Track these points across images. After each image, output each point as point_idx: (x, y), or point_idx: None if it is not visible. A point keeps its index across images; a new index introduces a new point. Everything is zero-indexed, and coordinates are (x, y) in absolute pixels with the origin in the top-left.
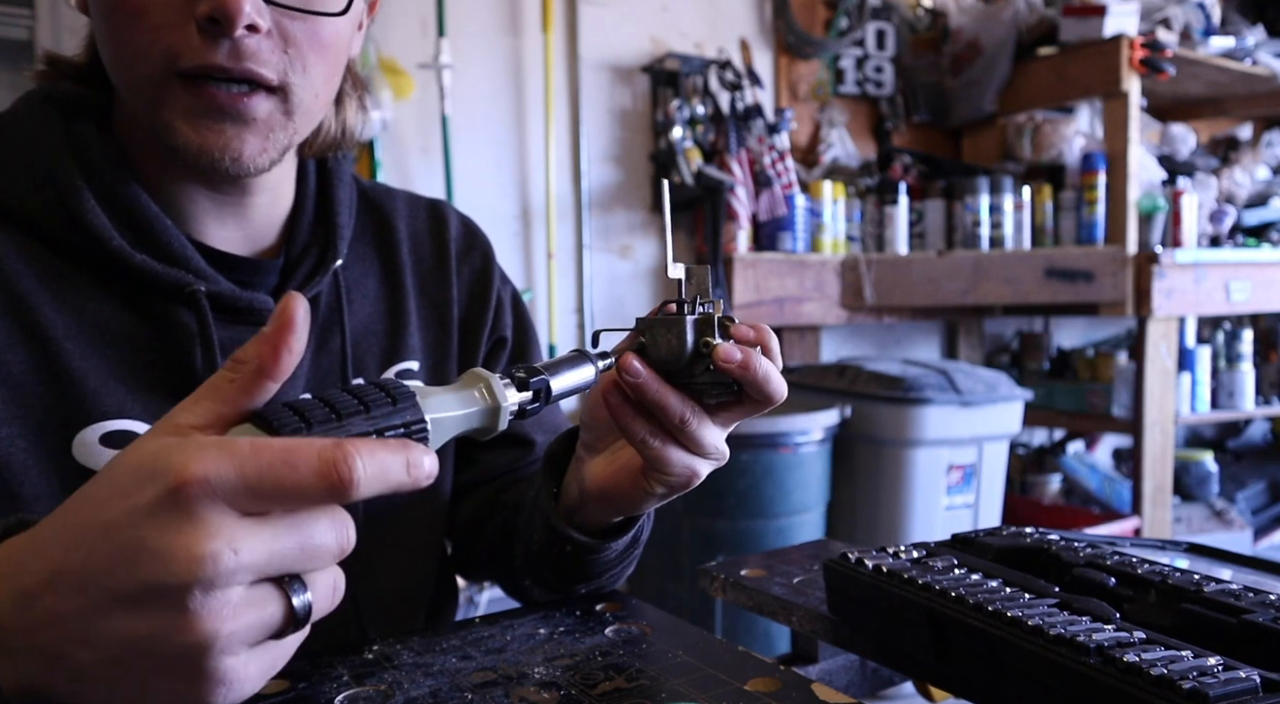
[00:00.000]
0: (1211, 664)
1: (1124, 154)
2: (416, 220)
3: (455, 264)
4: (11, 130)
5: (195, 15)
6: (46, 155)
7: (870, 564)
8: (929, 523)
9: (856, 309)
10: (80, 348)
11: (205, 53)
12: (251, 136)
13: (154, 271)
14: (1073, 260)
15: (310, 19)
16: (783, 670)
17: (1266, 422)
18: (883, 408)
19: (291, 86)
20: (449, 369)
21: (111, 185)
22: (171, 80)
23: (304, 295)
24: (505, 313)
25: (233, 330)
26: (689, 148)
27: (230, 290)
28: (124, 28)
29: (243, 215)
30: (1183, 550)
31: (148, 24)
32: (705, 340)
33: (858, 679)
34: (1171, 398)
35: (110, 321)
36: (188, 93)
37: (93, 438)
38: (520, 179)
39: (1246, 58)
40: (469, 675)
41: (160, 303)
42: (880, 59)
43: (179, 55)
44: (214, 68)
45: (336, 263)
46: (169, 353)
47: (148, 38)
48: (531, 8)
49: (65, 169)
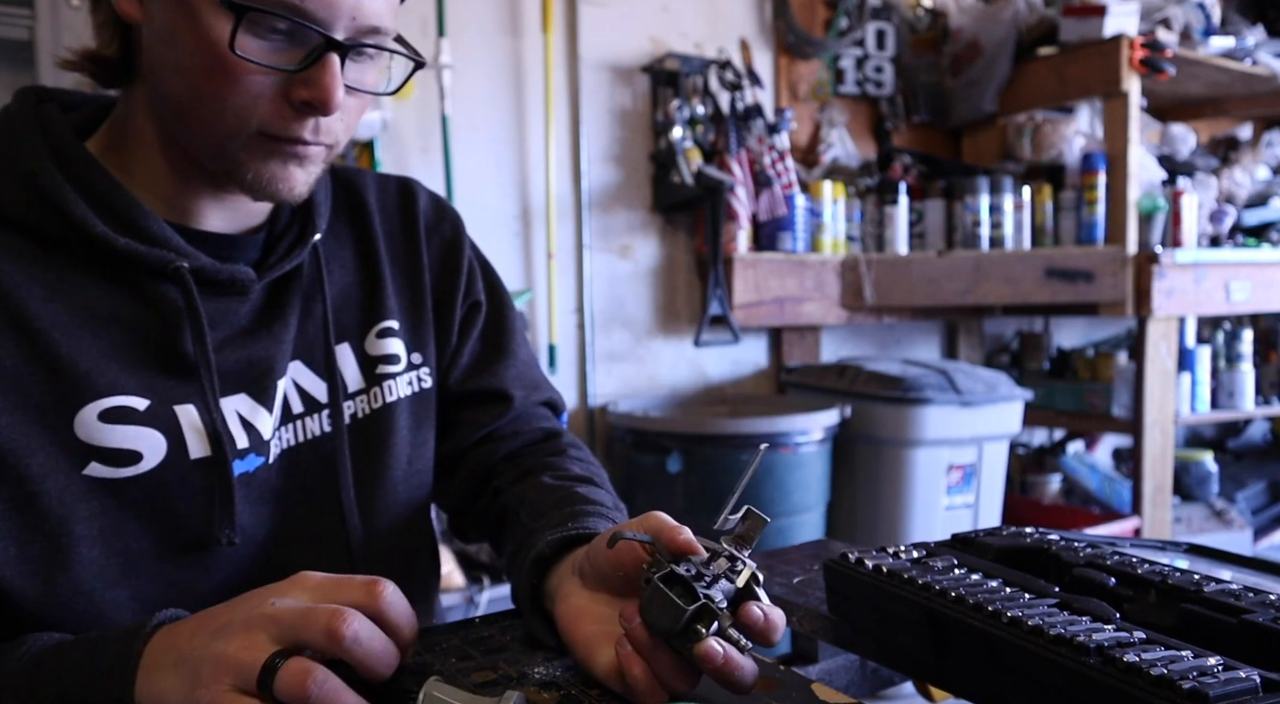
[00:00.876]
0: (1211, 664)
1: (1124, 154)
2: (386, 195)
3: (425, 235)
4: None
5: (291, 96)
6: (26, 156)
7: (870, 564)
8: (929, 523)
9: (856, 309)
10: (70, 334)
11: (294, 127)
12: (304, 173)
13: (138, 253)
14: (1073, 260)
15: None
16: (783, 670)
17: (1266, 422)
18: (883, 408)
19: (339, 143)
20: (425, 334)
21: (90, 180)
22: (253, 136)
23: (286, 266)
24: (478, 279)
25: (217, 302)
26: (689, 148)
27: (211, 265)
28: (219, 87)
29: (238, 207)
30: (1182, 551)
31: (245, 93)
32: (695, 627)
33: (858, 679)
34: (1171, 398)
35: (99, 305)
36: (267, 143)
37: (92, 415)
38: (520, 179)
39: (1246, 58)
40: (469, 675)
41: (146, 282)
42: (880, 59)
43: (269, 125)
44: (301, 141)
45: (315, 236)
46: (158, 329)
47: (242, 103)
48: (531, 8)
49: (45, 167)
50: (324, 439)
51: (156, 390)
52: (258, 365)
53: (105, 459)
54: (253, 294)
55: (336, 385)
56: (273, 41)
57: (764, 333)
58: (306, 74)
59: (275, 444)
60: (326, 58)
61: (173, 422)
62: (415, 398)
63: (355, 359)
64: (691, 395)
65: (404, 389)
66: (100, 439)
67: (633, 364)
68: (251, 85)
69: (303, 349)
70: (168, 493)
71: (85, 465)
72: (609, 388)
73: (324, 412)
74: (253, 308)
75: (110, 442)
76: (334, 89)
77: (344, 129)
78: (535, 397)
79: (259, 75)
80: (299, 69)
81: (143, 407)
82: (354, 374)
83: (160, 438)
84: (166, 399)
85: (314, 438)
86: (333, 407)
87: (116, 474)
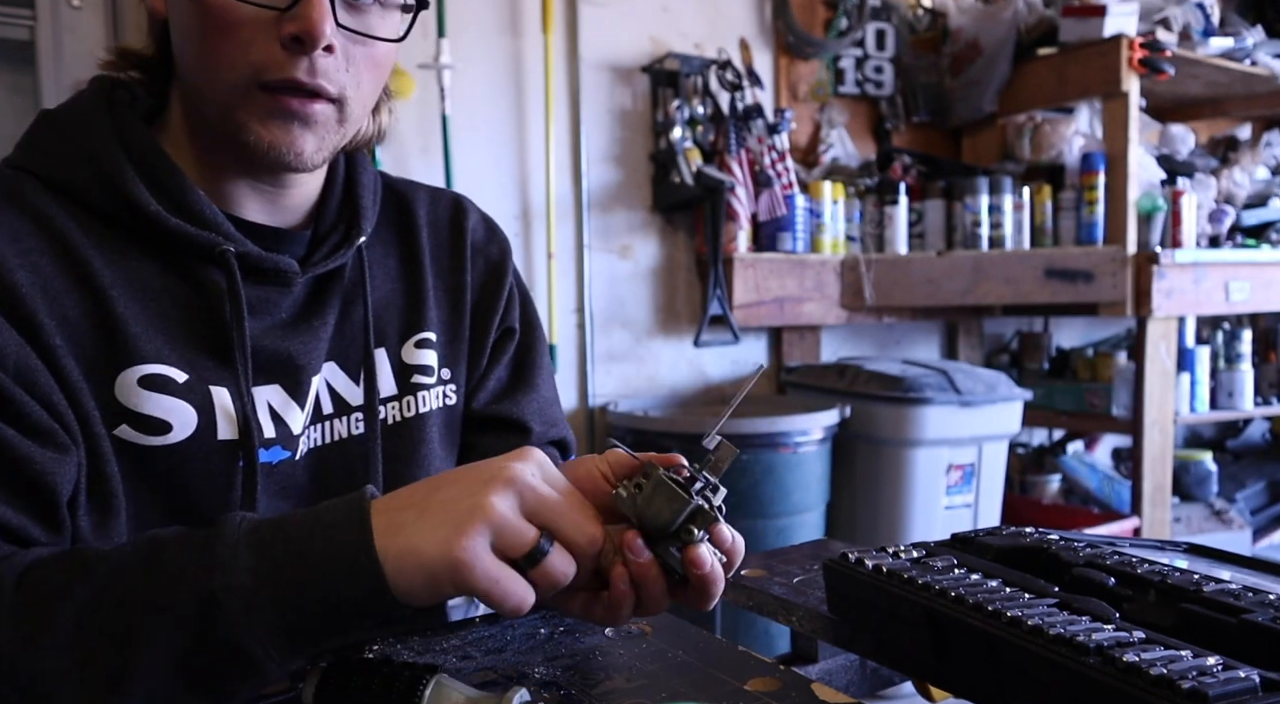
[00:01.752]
0: (1211, 664)
1: (1123, 154)
2: (437, 209)
3: (471, 253)
4: (68, 119)
5: (281, 34)
6: (95, 139)
7: (870, 564)
8: (929, 523)
9: (856, 309)
10: (125, 298)
11: (288, 68)
12: (311, 136)
13: (187, 234)
14: (1072, 260)
15: (369, 42)
16: (783, 670)
17: (1266, 421)
18: (882, 408)
19: (347, 99)
20: (458, 351)
21: (150, 163)
22: (253, 89)
23: (330, 264)
24: (515, 306)
25: (259, 289)
26: (689, 148)
27: (256, 252)
28: (214, 41)
29: (278, 199)
30: (1182, 551)
31: (238, 39)
32: (689, 527)
33: (858, 679)
34: (1171, 398)
35: (151, 279)
36: (267, 99)
37: (132, 379)
38: (520, 179)
39: (1246, 58)
40: (469, 675)
41: (194, 263)
42: (880, 59)
43: (264, 69)
44: (293, 81)
45: (360, 239)
46: (202, 308)
47: (236, 51)
48: (531, 8)
49: (110, 150)
50: (353, 442)
51: (196, 368)
52: (294, 359)
53: (136, 424)
54: (295, 287)
55: (374, 388)
56: None
57: (764, 333)
58: (295, 10)
59: (304, 442)
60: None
61: (207, 399)
62: (444, 412)
63: (391, 365)
64: (691, 395)
65: (434, 401)
66: (136, 403)
67: (633, 364)
68: (242, 30)
69: (338, 351)
70: (189, 469)
71: (116, 426)
72: (609, 388)
73: (354, 414)
74: (294, 301)
75: (144, 408)
76: (321, 20)
77: (352, 83)
78: (550, 434)
79: (249, 19)
80: (287, 7)
81: (181, 379)
82: (389, 380)
83: (192, 412)
84: (204, 377)
85: (341, 440)
86: (368, 410)
87: (144, 441)
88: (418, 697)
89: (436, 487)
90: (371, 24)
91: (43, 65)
